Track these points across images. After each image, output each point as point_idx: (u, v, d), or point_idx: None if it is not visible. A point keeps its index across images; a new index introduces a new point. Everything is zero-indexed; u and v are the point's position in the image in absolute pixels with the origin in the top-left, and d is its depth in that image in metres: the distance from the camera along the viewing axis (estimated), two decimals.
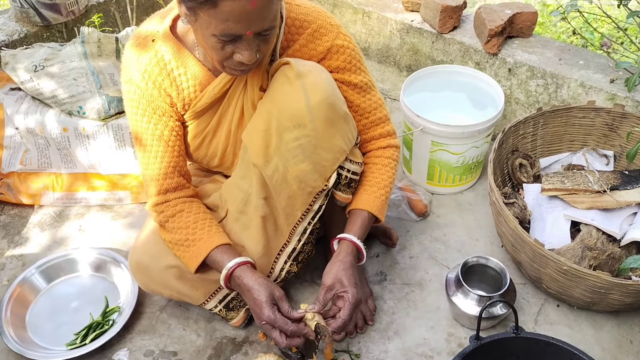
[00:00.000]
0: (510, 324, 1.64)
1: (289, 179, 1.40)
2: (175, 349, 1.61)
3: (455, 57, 2.22)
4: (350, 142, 1.43)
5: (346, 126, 1.40)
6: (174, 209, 1.46)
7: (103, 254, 1.81)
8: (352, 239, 1.45)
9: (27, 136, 2.00)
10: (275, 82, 1.37)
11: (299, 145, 1.35)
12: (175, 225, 1.45)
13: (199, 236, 1.43)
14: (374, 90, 1.52)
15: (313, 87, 1.32)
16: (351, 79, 1.46)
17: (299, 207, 1.46)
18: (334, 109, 1.35)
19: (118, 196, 2.07)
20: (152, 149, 1.44)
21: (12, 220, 2.03)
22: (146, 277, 1.56)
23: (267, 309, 1.34)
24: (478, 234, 1.90)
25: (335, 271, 1.42)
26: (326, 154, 1.39)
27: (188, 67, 1.40)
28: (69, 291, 1.77)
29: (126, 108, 1.46)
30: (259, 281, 1.38)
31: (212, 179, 1.69)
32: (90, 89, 1.96)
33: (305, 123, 1.33)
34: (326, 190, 1.45)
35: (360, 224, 1.47)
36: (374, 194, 1.49)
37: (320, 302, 1.39)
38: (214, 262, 1.42)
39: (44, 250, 1.91)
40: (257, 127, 1.38)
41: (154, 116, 1.43)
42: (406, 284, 1.76)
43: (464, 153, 1.90)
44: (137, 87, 1.41)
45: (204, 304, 1.58)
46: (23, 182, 2.04)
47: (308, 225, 1.51)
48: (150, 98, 1.41)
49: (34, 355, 1.56)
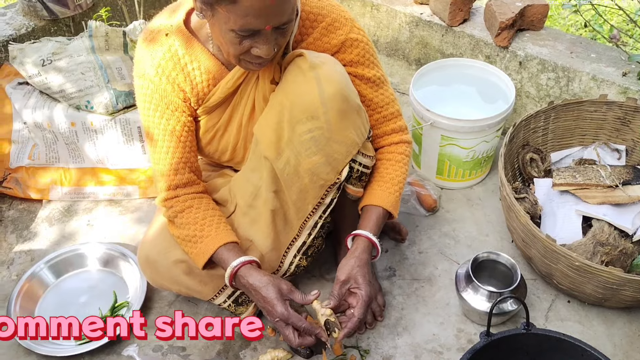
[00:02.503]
0: (521, 320, 1.62)
1: (301, 172, 1.38)
2: (184, 344, 1.61)
3: (465, 51, 2.20)
4: (363, 135, 1.42)
5: (359, 119, 1.39)
6: (184, 205, 1.45)
7: (111, 248, 1.81)
8: (368, 236, 1.44)
9: (35, 131, 2.00)
10: (288, 74, 1.36)
11: (311, 138, 1.34)
12: (184, 221, 1.44)
13: (206, 233, 1.42)
14: (386, 85, 1.50)
15: (327, 78, 1.31)
16: (364, 73, 1.45)
17: (310, 200, 1.45)
18: (347, 101, 1.34)
19: (126, 191, 2.06)
20: (164, 144, 1.43)
21: (21, 215, 2.03)
22: (155, 272, 1.55)
23: (278, 305, 1.33)
24: (488, 229, 1.89)
25: (351, 267, 1.40)
26: (339, 147, 1.37)
27: (201, 61, 1.39)
28: (77, 286, 1.77)
29: (138, 103, 1.45)
30: (265, 279, 1.37)
31: (221, 173, 1.68)
32: (98, 83, 1.95)
33: (318, 115, 1.32)
34: (338, 184, 1.44)
35: (375, 220, 1.46)
36: (388, 190, 1.48)
37: (335, 297, 1.38)
38: (220, 260, 1.42)
39: (53, 245, 1.91)
40: (269, 120, 1.37)
41: (166, 111, 1.42)
42: (415, 279, 1.75)
43: (474, 147, 1.89)
44: (150, 82, 1.40)
45: (213, 299, 1.57)
46: (31, 177, 2.04)
47: (319, 219, 1.50)
48: (164, 93, 1.40)
49: (43, 350, 1.56)
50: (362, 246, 1.43)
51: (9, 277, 1.81)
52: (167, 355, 1.58)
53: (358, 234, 1.45)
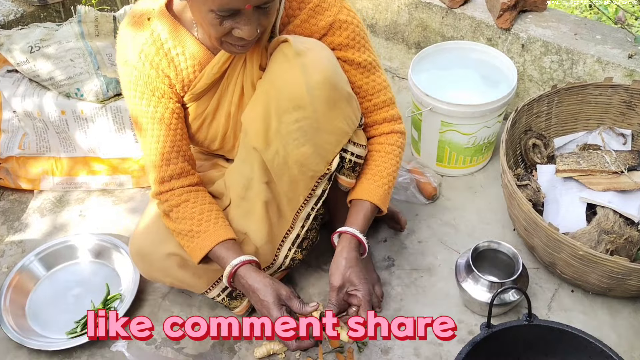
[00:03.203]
0: (523, 311, 1.59)
1: (290, 162, 1.34)
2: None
3: (466, 33, 2.13)
4: (354, 124, 1.36)
5: (349, 107, 1.33)
6: (179, 199, 1.40)
7: (104, 240, 1.77)
8: (355, 233, 1.38)
9: (25, 119, 1.95)
10: (273, 62, 1.30)
11: (299, 128, 1.29)
12: (180, 215, 1.40)
13: (204, 228, 1.38)
14: (379, 71, 1.44)
15: (313, 66, 1.25)
16: (354, 57, 1.38)
17: (301, 191, 1.41)
18: (335, 89, 1.28)
19: (119, 180, 2.02)
20: (154, 132, 1.38)
21: (12, 205, 1.99)
22: (147, 265, 1.52)
23: (275, 310, 1.29)
24: (489, 218, 1.84)
25: (343, 270, 1.35)
26: (328, 137, 1.32)
27: (186, 46, 1.34)
28: (69, 278, 1.73)
29: (124, 91, 1.40)
30: (264, 281, 1.32)
31: (214, 163, 1.63)
32: (87, 70, 1.90)
33: (305, 104, 1.26)
34: (329, 175, 1.39)
35: (362, 215, 1.41)
36: (376, 183, 1.42)
37: (334, 304, 1.33)
38: (217, 258, 1.37)
39: (45, 236, 1.87)
40: (256, 109, 1.32)
41: (152, 98, 1.37)
42: (415, 269, 1.71)
43: (475, 133, 1.83)
44: (133, 68, 1.35)
45: (207, 293, 1.54)
46: (22, 167, 1.99)
47: (311, 210, 1.45)
48: (148, 79, 1.35)
49: (33, 344, 1.53)
50: (350, 245, 1.37)
51: (0, 270, 1.77)
52: (160, 348, 1.55)
53: (344, 231, 1.39)
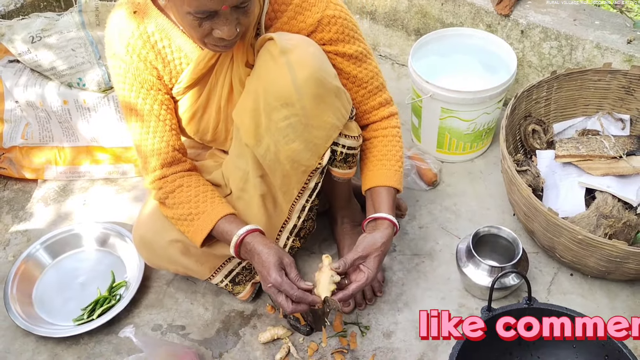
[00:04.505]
0: (522, 294, 1.61)
1: (281, 158, 1.35)
2: (183, 322, 1.60)
3: (466, 20, 2.14)
4: (344, 117, 1.37)
5: (338, 101, 1.34)
6: (173, 185, 1.42)
7: (108, 228, 1.79)
8: (394, 221, 1.40)
9: (28, 109, 1.96)
10: (259, 60, 1.31)
11: (288, 125, 1.30)
12: (176, 201, 1.41)
13: (202, 209, 1.39)
14: (370, 59, 1.45)
15: (299, 63, 1.26)
16: (345, 50, 1.39)
17: (295, 185, 1.42)
18: (322, 85, 1.29)
19: (122, 169, 2.03)
20: (144, 124, 1.40)
21: (16, 195, 2.01)
22: (151, 253, 1.54)
23: (274, 271, 1.29)
24: (489, 203, 1.86)
25: (374, 249, 1.36)
26: (318, 132, 1.33)
27: (172, 39, 1.35)
28: (74, 266, 1.75)
29: (114, 84, 1.41)
30: (270, 245, 1.34)
31: (211, 153, 1.64)
32: (89, 60, 1.91)
33: (292, 102, 1.27)
34: (320, 168, 1.40)
35: (391, 201, 1.43)
36: (393, 168, 1.45)
37: (346, 264, 1.34)
38: (221, 233, 1.39)
39: (49, 225, 1.89)
40: (246, 107, 1.34)
41: (141, 90, 1.37)
42: (416, 254, 1.73)
43: (474, 120, 1.84)
44: (122, 61, 1.36)
45: (210, 279, 1.56)
46: (25, 157, 2.01)
47: (306, 202, 1.47)
48: (137, 72, 1.36)
49: (41, 331, 1.55)
50: (389, 233, 1.38)
51: (5, 258, 1.79)
52: (166, 334, 1.58)
53: (384, 217, 1.40)
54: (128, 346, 1.55)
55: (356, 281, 1.36)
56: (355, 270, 1.39)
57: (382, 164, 1.46)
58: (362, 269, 1.37)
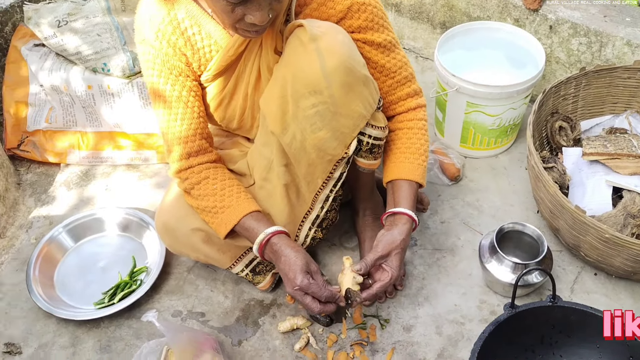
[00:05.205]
0: (545, 292, 1.60)
1: (308, 147, 1.34)
2: (203, 310, 1.60)
3: (493, 14, 2.11)
4: (371, 107, 1.36)
5: (366, 90, 1.33)
6: (199, 176, 1.42)
7: (130, 214, 1.80)
8: (412, 215, 1.39)
9: (52, 94, 1.97)
10: (289, 46, 1.30)
11: (316, 113, 1.29)
12: (201, 193, 1.41)
13: (227, 203, 1.39)
14: (398, 48, 1.43)
15: (328, 50, 1.25)
16: (374, 39, 1.37)
17: (319, 175, 1.41)
18: (351, 73, 1.28)
19: (144, 156, 2.04)
20: (171, 111, 1.39)
21: (39, 178, 2.02)
22: (173, 240, 1.54)
23: (300, 275, 1.30)
24: (513, 200, 1.84)
25: (394, 246, 1.36)
26: (345, 121, 1.32)
27: (202, 26, 1.34)
28: (96, 251, 1.76)
29: (143, 70, 1.41)
30: (297, 249, 1.35)
31: (235, 141, 1.64)
32: (114, 45, 1.91)
33: (321, 89, 1.26)
34: (346, 158, 1.39)
35: (412, 195, 1.42)
36: (417, 161, 1.43)
37: (367, 265, 1.34)
38: (245, 229, 1.39)
39: (71, 209, 1.90)
40: (273, 94, 1.33)
41: (170, 76, 1.37)
42: (437, 249, 1.72)
43: (500, 115, 1.82)
44: (151, 47, 1.35)
45: (231, 268, 1.56)
46: (49, 140, 2.02)
47: (330, 192, 1.46)
48: (166, 57, 1.36)
49: (63, 314, 1.56)
50: (407, 228, 1.38)
51: (28, 241, 1.81)
52: (186, 320, 1.58)
53: (402, 212, 1.39)
54: (148, 331, 1.55)
55: (380, 280, 1.36)
56: (378, 270, 1.38)
57: (405, 156, 1.45)
58: (385, 268, 1.37)
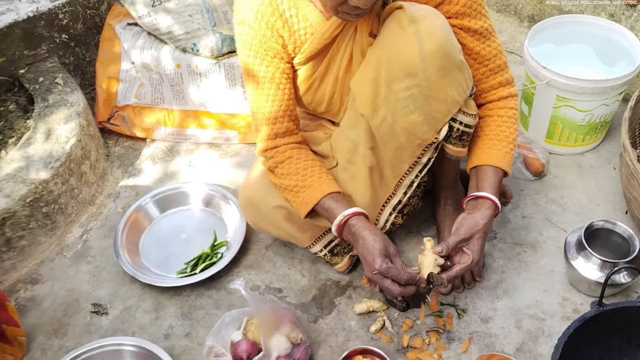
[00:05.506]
0: (631, 294, 1.54)
1: (397, 130, 1.34)
2: (281, 286, 1.63)
3: (586, 7, 2.05)
4: (465, 93, 1.35)
5: (461, 76, 1.32)
6: (283, 155, 1.44)
7: (213, 189, 1.85)
8: (495, 201, 1.37)
9: (142, 71, 2.05)
10: (386, 28, 1.30)
11: (409, 96, 1.28)
12: (284, 172, 1.44)
13: (309, 183, 1.41)
14: (493, 36, 1.41)
15: (427, 33, 1.24)
16: (471, 25, 1.36)
17: (407, 159, 1.41)
18: (448, 58, 1.27)
19: (226, 135, 2.09)
20: (264, 91, 1.42)
21: (126, 151, 2.11)
22: (256, 215, 1.57)
23: (379, 258, 1.29)
24: (599, 199, 1.78)
25: (476, 230, 1.34)
26: (438, 105, 1.31)
27: (300, 8, 1.36)
28: (180, 222, 1.82)
29: (238, 50, 1.44)
30: (375, 232, 1.34)
31: (319, 124, 1.65)
32: (204, 27, 1.96)
33: (417, 72, 1.26)
34: (436, 143, 1.38)
35: (496, 182, 1.39)
36: (504, 149, 1.40)
37: (448, 248, 1.33)
38: (325, 210, 1.40)
39: (156, 182, 1.97)
40: (365, 76, 1.33)
41: (266, 58, 1.40)
42: (517, 243, 1.69)
43: (591, 111, 1.77)
44: (250, 27, 1.38)
45: (310, 247, 1.58)
46: (137, 116, 2.10)
47: (415, 178, 1.45)
48: (263, 39, 1.38)
49: (147, 279, 1.62)
50: (490, 213, 1.36)
51: (115, 209, 1.89)
52: (264, 294, 1.61)
53: (485, 197, 1.37)
54: (227, 302, 1.60)
55: (460, 263, 1.35)
56: (458, 253, 1.37)
57: (492, 143, 1.42)
58: (465, 251, 1.35)
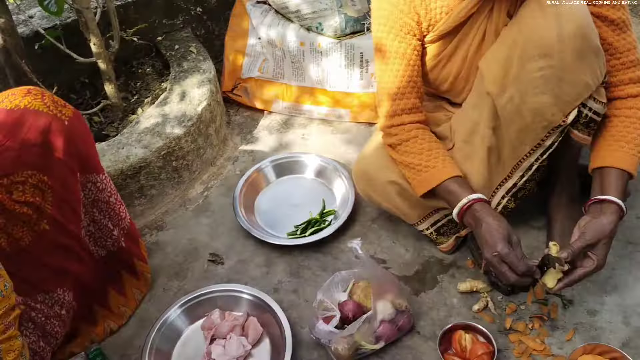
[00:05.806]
0: None
1: (524, 110, 1.35)
2: (385, 257, 1.69)
3: None
4: (598, 80, 1.33)
5: (596, 61, 1.31)
6: (409, 134, 1.48)
7: (326, 162, 1.94)
8: (622, 205, 1.34)
9: (267, 47, 2.17)
10: (525, 8, 1.32)
11: (541, 76, 1.29)
12: (408, 150, 1.48)
13: (432, 164, 1.45)
14: (629, 30, 1.39)
15: (567, 15, 1.25)
16: (609, 14, 1.35)
17: (529, 141, 1.41)
18: (586, 41, 1.27)
19: (338, 113, 2.17)
20: (394, 66, 1.47)
21: (245, 121, 2.24)
22: (369, 187, 1.63)
23: (501, 242, 1.30)
24: None
25: (603, 236, 1.31)
26: (569, 89, 1.31)
27: None
28: (292, 189, 1.93)
29: (373, 25, 1.49)
30: (500, 218, 1.35)
31: (438, 105, 1.68)
32: (331, 7, 2.05)
33: (552, 53, 1.26)
34: (563, 127, 1.38)
35: (622, 185, 1.37)
36: (631, 152, 1.37)
37: (573, 252, 1.31)
38: (448, 192, 1.42)
39: (272, 150, 2.09)
40: (497, 54, 1.35)
41: (400, 33, 1.45)
42: (630, 242, 1.65)
43: None
44: (388, 2, 1.43)
45: (417, 224, 1.62)
46: (258, 89, 2.23)
47: (535, 161, 1.45)
48: (400, 14, 1.43)
49: (262, 236, 1.73)
50: (616, 218, 1.33)
51: (233, 172, 2.02)
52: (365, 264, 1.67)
53: (613, 200, 1.34)
54: (334, 265, 1.67)
55: (583, 267, 1.33)
56: (582, 258, 1.34)
57: (619, 145, 1.39)
58: (591, 256, 1.33)
